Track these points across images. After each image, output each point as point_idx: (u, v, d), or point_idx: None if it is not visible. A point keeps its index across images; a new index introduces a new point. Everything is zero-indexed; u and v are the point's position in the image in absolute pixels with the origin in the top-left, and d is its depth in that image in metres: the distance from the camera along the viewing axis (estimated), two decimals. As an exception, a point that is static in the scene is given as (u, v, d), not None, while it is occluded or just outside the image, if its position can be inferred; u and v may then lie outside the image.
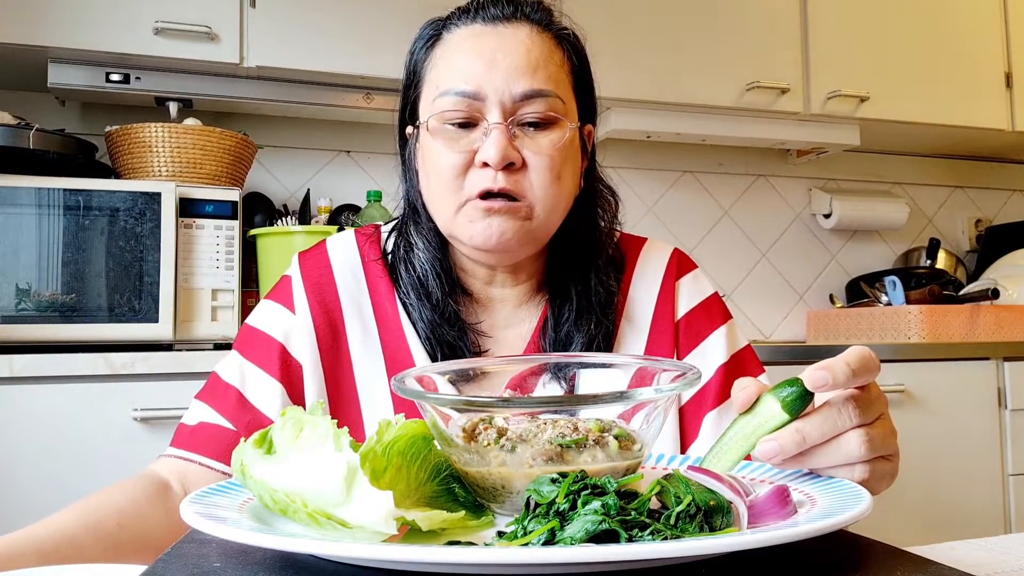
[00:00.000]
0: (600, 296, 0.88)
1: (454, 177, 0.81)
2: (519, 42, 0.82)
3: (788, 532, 0.43)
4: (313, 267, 0.92)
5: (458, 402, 0.58)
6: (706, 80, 2.31)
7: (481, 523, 0.54)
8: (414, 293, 0.88)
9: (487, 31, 0.83)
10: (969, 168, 3.08)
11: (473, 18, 0.85)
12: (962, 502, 2.13)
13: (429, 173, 0.84)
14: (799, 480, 0.58)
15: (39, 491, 1.49)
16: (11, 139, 1.66)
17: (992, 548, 0.74)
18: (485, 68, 0.80)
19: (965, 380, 2.16)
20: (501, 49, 0.81)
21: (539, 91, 0.81)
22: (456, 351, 0.86)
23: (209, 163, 1.85)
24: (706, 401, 0.89)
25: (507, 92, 0.80)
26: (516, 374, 0.68)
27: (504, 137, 0.79)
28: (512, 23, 0.84)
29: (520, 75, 0.80)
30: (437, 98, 0.82)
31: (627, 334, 0.90)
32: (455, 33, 0.85)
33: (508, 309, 0.91)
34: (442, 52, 0.85)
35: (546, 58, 0.83)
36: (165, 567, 0.45)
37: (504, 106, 0.80)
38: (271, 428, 0.52)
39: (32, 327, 1.59)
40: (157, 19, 1.84)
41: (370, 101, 2.10)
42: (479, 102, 0.80)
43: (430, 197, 0.85)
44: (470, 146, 0.81)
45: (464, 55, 0.82)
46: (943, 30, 2.58)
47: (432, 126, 0.83)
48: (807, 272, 2.84)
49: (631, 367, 0.65)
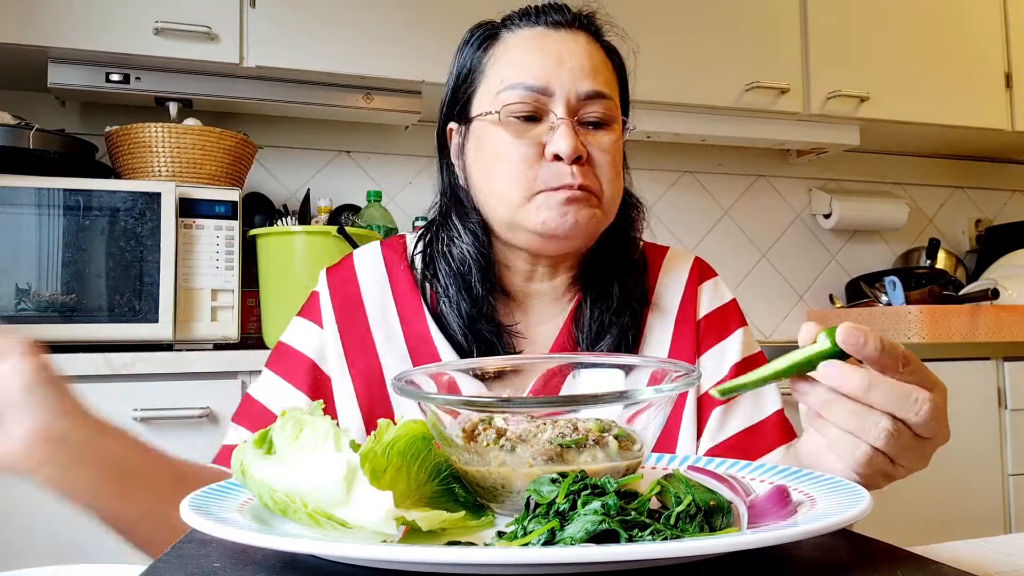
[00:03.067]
0: (635, 292, 0.91)
1: (525, 168, 0.84)
2: (581, 46, 0.87)
3: (788, 532, 0.43)
4: (340, 281, 0.94)
5: (458, 402, 0.58)
6: (706, 80, 2.31)
7: (481, 523, 0.54)
8: (453, 287, 0.89)
9: (550, 34, 0.88)
10: (969, 168, 3.08)
11: (535, 22, 0.89)
12: (962, 502, 2.13)
13: (491, 164, 0.86)
14: (799, 480, 0.58)
15: (39, 491, 1.49)
16: (11, 139, 1.66)
17: (992, 548, 0.74)
18: (553, 66, 0.85)
19: (965, 380, 2.16)
20: (567, 51, 0.86)
21: (600, 92, 0.86)
22: (492, 349, 0.88)
23: (209, 163, 1.85)
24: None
25: (573, 90, 0.84)
26: (541, 374, 0.69)
27: (573, 131, 0.83)
28: (572, 30, 0.89)
29: (585, 76, 0.85)
30: (503, 91, 0.85)
31: (656, 329, 0.93)
32: (517, 34, 0.89)
33: (543, 304, 0.93)
34: (504, 51, 0.89)
35: (603, 64, 0.89)
36: (165, 567, 0.45)
37: (569, 103, 0.84)
38: (271, 428, 0.52)
39: (32, 327, 1.59)
40: (157, 19, 1.84)
41: (370, 101, 2.10)
42: (546, 97, 0.84)
43: (489, 186, 0.87)
44: (537, 139, 0.84)
45: (531, 52, 0.87)
46: (943, 30, 2.58)
47: (499, 116, 0.85)
48: (807, 272, 2.84)
49: (648, 367, 0.66)
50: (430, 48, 2.03)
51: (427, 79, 2.04)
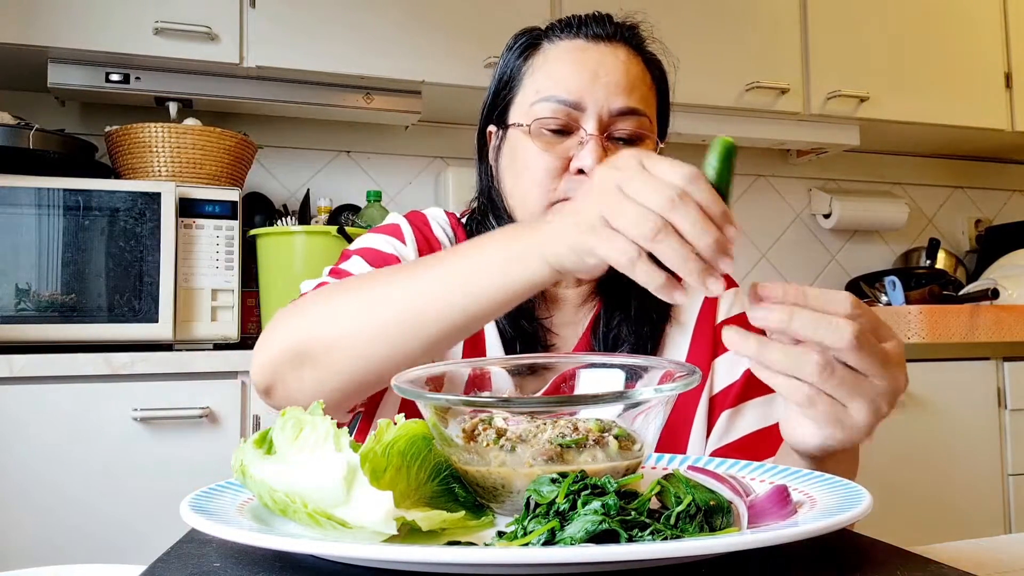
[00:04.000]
0: (654, 302, 0.90)
1: (549, 179, 0.85)
2: (619, 61, 0.88)
3: (788, 532, 0.43)
4: (418, 225, 0.95)
5: (458, 402, 0.58)
6: (706, 80, 2.30)
7: (481, 523, 0.54)
8: None
9: (589, 47, 0.88)
10: (969, 168, 3.08)
11: (575, 34, 0.90)
12: (962, 502, 2.13)
13: (519, 172, 0.88)
14: (799, 480, 0.58)
15: (39, 491, 1.49)
16: (11, 139, 1.66)
17: (992, 548, 0.74)
18: (588, 81, 0.85)
19: (965, 380, 2.16)
20: (603, 65, 0.87)
21: (634, 109, 0.86)
22: (534, 344, 0.89)
23: (209, 163, 1.85)
24: (728, 398, 0.92)
25: (605, 106, 0.85)
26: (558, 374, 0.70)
27: (600, 147, 0.83)
28: (612, 43, 0.89)
29: (619, 92, 0.86)
30: (537, 103, 0.87)
31: (674, 335, 0.94)
32: (557, 45, 0.90)
33: (570, 308, 0.94)
34: (543, 61, 0.90)
35: (640, 79, 0.89)
36: (165, 567, 0.45)
37: (601, 119, 0.85)
38: (271, 428, 0.52)
39: (32, 327, 1.59)
40: (157, 19, 1.84)
41: (370, 101, 2.10)
42: (578, 112, 0.85)
43: (515, 194, 0.89)
44: (565, 153, 0.85)
45: (567, 65, 0.87)
46: (943, 30, 2.58)
47: (529, 129, 0.86)
48: (807, 272, 2.84)
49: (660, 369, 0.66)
50: (430, 48, 2.03)
51: (427, 79, 2.04)
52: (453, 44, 2.05)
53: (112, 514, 1.51)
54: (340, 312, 0.70)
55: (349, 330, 0.68)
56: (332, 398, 0.70)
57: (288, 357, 0.71)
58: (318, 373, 0.70)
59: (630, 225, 0.54)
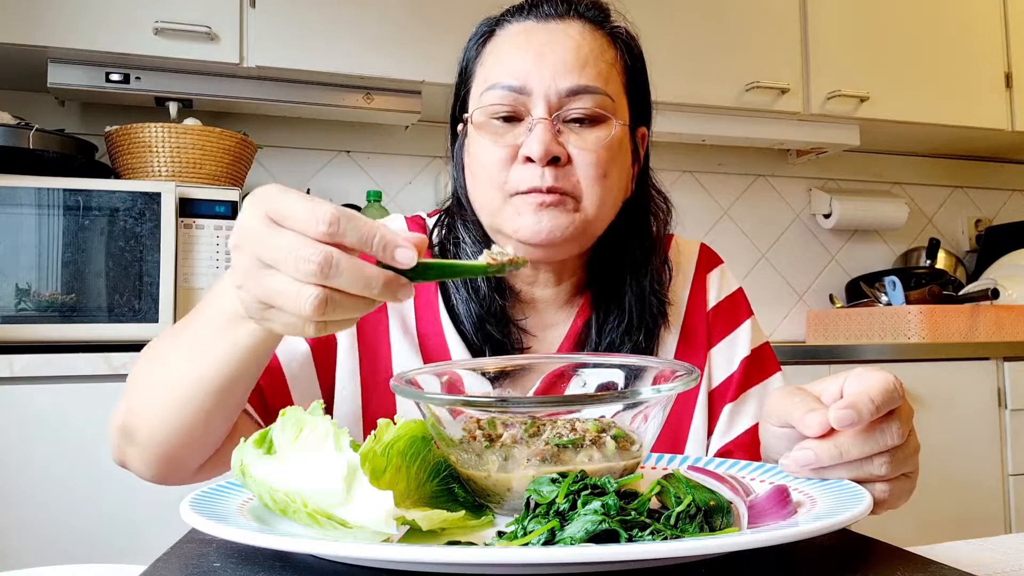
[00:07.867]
0: (654, 307, 0.88)
1: (498, 171, 0.80)
2: (569, 38, 0.82)
3: (788, 532, 0.43)
4: None
5: (457, 402, 0.58)
6: (706, 80, 2.30)
7: (481, 523, 0.54)
8: (464, 288, 0.87)
9: (538, 27, 0.83)
10: (969, 168, 3.08)
11: (526, 15, 0.85)
12: (962, 502, 2.13)
13: (474, 167, 0.84)
14: (799, 480, 0.58)
15: (39, 491, 1.49)
16: (11, 139, 1.66)
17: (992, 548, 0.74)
18: (533, 63, 0.80)
19: (965, 380, 2.16)
20: (550, 44, 0.81)
21: (586, 87, 0.80)
22: (502, 348, 0.85)
23: (209, 163, 1.85)
24: (727, 393, 0.90)
25: (553, 87, 0.79)
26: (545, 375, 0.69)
27: (548, 132, 0.78)
28: (564, 20, 0.83)
29: (567, 71, 0.80)
30: (484, 92, 0.82)
31: (663, 332, 0.90)
32: (507, 30, 0.85)
33: (551, 310, 0.90)
34: (492, 48, 0.85)
35: (596, 55, 0.82)
36: (165, 567, 0.45)
37: (550, 101, 0.79)
38: (271, 428, 0.52)
39: (32, 327, 1.59)
40: (157, 19, 1.84)
41: (370, 101, 2.10)
42: (525, 96, 0.80)
43: (474, 191, 0.85)
44: (514, 140, 0.80)
45: (513, 50, 0.83)
46: (943, 30, 2.58)
47: (478, 120, 0.82)
48: (807, 272, 2.84)
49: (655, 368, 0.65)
50: (430, 48, 2.03)
51: (427, 79, 2.04)
52: (453, 44, 2.04)
53: (112, 514, 1.51)
54: (136, 393, 0.72)
55: (144, 409, 0.70)
56: (157, 469, 0.73)
57: (119, 438, 0.74)
58: (136, 449, 0.72)
59: (290, 303, 0.50)
